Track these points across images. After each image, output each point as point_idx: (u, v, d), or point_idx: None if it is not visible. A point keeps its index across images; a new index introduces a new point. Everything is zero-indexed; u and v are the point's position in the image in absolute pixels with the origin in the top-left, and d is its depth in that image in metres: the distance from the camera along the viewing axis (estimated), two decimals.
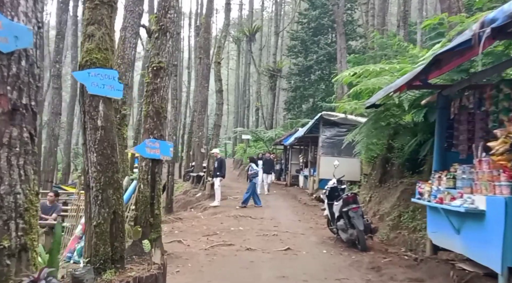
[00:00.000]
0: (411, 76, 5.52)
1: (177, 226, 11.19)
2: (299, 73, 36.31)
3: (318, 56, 34.52)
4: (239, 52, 50.95)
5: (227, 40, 61.10)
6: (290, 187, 22.44)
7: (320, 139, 17.08)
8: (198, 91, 25.01)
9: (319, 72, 35.83)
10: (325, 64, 34.64)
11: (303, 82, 35.85)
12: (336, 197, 9.18)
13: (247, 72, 47.20)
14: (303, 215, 13.61)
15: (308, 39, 35.30)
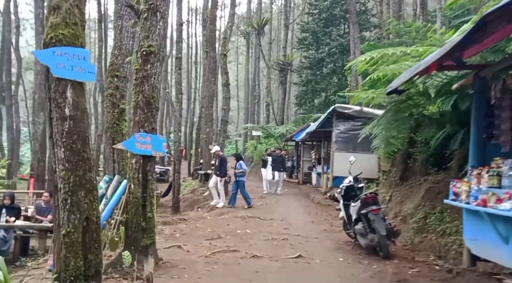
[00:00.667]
0: (444, 51, 4.64)
1: (180, 228, 10.42)
2: (311, 66, 35.41)
3: (330, 48, 33.62)
4: (248, 46, 50.07)
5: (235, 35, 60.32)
6: (303, 185, 21.57)
7: (334, 134, 16.18)
8: (205, 86, 24.24)
9: (332, 64, 34.87)
10: (337, 56, 33.71)
11: (315, 76, 34.97)
12: (352, 197, 8.32)
13: (256, 67, 46.26)
14: (316, 216, 12.76)
15: (319, 30, 34.33)
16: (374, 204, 7.42)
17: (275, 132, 31.87)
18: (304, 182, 22.26)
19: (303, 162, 23.00)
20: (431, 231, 8.39)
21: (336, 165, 16.00)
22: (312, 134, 19.46)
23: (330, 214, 13.21)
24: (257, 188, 20.58)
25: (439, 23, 22.61)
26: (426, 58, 5.37)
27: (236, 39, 59.02)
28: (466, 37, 3.97)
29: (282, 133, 30.93)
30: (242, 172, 15.07)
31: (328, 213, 13.32)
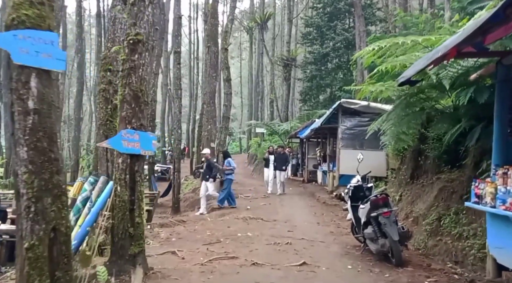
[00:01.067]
0: (465, 35, 4.06)
1: (178, 231, 9.90)
2: (315, 61, 34.78)
3: (334, 42, 33.02)
4: (251, 42, 49.47)
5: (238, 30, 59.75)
6: (308, 184, 21.02)
7: (340, 130, 15.60)
8: (206, 82, 23.69)
9: (336, 59, 34.27)
10: (342, 51, 33.09)
11: (320, 71, 34.33)
12: (361, 198, 7.76)
13: (260, 63, 45.67)
14: (322, 217, 12.20)
15: (324, 25, 33.69)
16: (385, 206, 6.85)
17: (279, 129, 31.28)
18: (309, 181, 21.70)
19: (308, 159, 22.43)
20: (446, 233, 7.85)
21: (343, 163, 15.43)
22: (317, 131, 18.89)
23: (337, 214, 12.66)
24: (261, 187, 20.05)
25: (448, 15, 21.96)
26: (445, 43, 4.79)
27: (239, 34, 58.48)
28: (495, 15, 3.40)
29: (287, 130, 30.34)
30: (231, 170, 14.50)
31: (335, 214, 12.77)
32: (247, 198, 15.90)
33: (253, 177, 29.63)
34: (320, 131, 19.30)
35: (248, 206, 13.90)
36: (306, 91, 35.86)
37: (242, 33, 56.75)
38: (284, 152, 18.23)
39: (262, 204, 14.35)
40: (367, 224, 7.11)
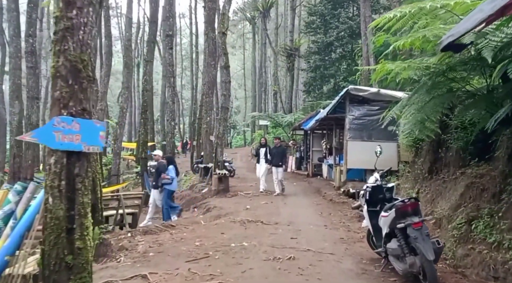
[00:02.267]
0: None
1: (162, 240, 8.26)
2: (319, 51, 33.16)
3: (338, 31, 31.39)
4: (254, 33, 47.62)
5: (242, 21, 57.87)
6: (312, 178, 19.33)
7: (347, 120, 13.88)
8: (205, 71, 22.02)
9: (340, 49, 32.75)
10: (346, 40, 31.50)
11: (323, 61, 32.74)
12: (380, 200, 6.09)
13: (263, 53, 43.81)
14: (329, 218, 10.54)
15: (327, 13, 31.99)
16: (414, 215, 5.17)
17: (282, 120, 29.60)
18: (314, 175, 20.01)
19: (312, 152, 20.71)
20: (479, 241, 6.24)
21: (350, 156, 13.73)
22: (322, 122, 17.16)
23: (345, 214, 11.00)
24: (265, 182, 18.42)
25: None
26: None
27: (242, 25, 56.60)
28: None
29: (290, 122, 28.68)
30: (168, 180, 12.19)
31: (343, 213, 11.10)
32: (247, 196, 14.26)
33: (256, 171, 27.98)
34: (326, 121, 17.58)
35: (248, 206, 12.26)
36: (310, 82, 34.23)
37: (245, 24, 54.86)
38: (280, 145, 15.88)
39: (263, 203, 12.70)
40: (390, 236, 5.45)
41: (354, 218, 10.43)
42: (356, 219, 10.34)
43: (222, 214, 11.19)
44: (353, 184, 13.39)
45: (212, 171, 16.40)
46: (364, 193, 6.23)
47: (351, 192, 13.00)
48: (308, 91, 34.59)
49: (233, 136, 58.17)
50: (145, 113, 17.08)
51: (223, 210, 11.80)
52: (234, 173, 21.63)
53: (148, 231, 9.45)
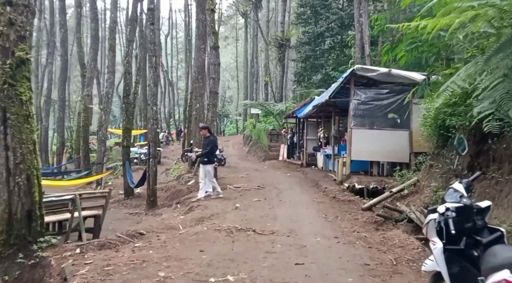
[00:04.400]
0: None
1: (115, 263, 5.22)
2: (309, 41, 30.13)
3: (329, 22, 28.41)
4: (246, 26, 44.13)
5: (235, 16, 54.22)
6: (306, 168, 16.34)
7: (352, 105, 10.87)
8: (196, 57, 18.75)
9: (330, 39, 29.88)
10: (336, 30, 28.65)
11: (314, 52, 29.89)
12: (466, 231, 3.06)
13: (254, 45, 40.36)
14: (337, 223, 7.56)
15: (318, 3, 28.93)
16: None
17: (274, 109, 26.55)
18: (308, 164, 17.03)
19: (306, 141, 17.67)
20: None
21: (355, 146, 10.76)
22: (319, 108, 14.09)
23: (355, 217, 8.04)
24: (256, 172, 15.43)
25: None
26: None
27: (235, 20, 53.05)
28: None
29: (282, 110, 25.66)
30: None
31: (352, 216, 8.14)
32: (237, 190, 11.25)
33: (247, 159, 24.97)
34: (323, 108, 14.55)
35: (237, 204, 9.26)
36: (300, 72, 31.16)
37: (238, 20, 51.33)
38: (208, 135, 10.38)
39: (255, 200, 9.70)
40: None
41: (369, 225, 7.47)
42: (371, 225, 7.39)
43: (206, 216, 8.17)
44: (358, 178, 10.43)
45: None
46: (439, 222, 3.12)
47: (357, 188, 10.04)
48: (299, 81, 31.61)
49: (226, 124, 54.98)
50: (127, 97, 13.92)
51: (208, 209, 8.79)
52: (225, 162, 18.59)
53: (105, 244, 6.39)
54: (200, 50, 16.85)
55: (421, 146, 9.96)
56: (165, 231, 7.41)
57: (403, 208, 7.66)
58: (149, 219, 9.90)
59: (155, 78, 11.66)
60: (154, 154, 11.78)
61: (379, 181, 10.17)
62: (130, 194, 13.45)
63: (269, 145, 24.11)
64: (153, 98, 11.54)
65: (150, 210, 11.56)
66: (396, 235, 6.57)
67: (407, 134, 10.58)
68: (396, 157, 10.62)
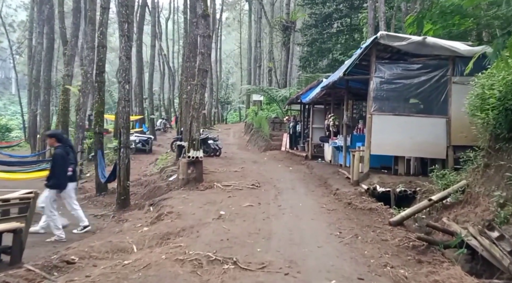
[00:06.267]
0: None
1: None
2: (316, 24, 27.44)
3: (338, 3, 25.77)
4: (250, 10, 41.22)
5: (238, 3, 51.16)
6: (312, 161, 13.81)
7: (372, 85, 8.28)
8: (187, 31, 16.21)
9: (339, 23, 27.29)
10: (345, 12, 25.95)
11: (321, 35, 27.28)
12: None
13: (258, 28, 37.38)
14: (358, 247, 5.09)
15: None
16: None
17: (277, 95, 23.95)
18: (313, 156, 14.51)
19: (312, 130, 15.08)
20: None
21: (376, 137, 8.21)
22: (329, 90, 11.46)
23: (383, 237, 5.55)
24: (253, 166, 12.97)
25: None
26: None
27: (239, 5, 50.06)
28: None
29: (285, 97, 23.07)
30: None
31: (379, 235, 5.65)
32: (226, 189, 8.77)
33: (247, 149, 22.48)
34: (333, 91, 11.97)
35: (222, 211, 6.80)
36: (306, 57, 28.44)
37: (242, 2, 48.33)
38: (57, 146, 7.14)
39: (246, 206, 7.23)
40: None
41: (404, 251, 4.99)
42: (408, 253, 4.91)
43: (174, 232, 5.73)
44: (380, 178, 7.91)
45: (185, 153, 10.87)
46: None
47: (379, 192, 7.52)
48: (304, 67, 28.89)
49: (228, 112, 52.39)
50: (101, 75, 11.42)
51: (181, 220, 6.33)
52: (220, 152, 16.13)
53: None
54: (192, 24, 14.31)
55: (464, 137, 7.42)
56: (108, 256, 5.00)
57: (455, 228, 5.16)
58: (111, 227, 7.47)
59: (127, 49, 9.12)
60: (127, 143, 9.30)
61: (408, 183, 7.66)
62: (103, 189, 11.05)
63: (271, 134, 21.60)
64: (124, 75, 9.02)
65: (120, 212, 9.13)
66: (455, 277, 4.09)
67: (444, 122, 8.02)
68: (429, 151, 8.07)
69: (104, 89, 11.71)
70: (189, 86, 14.55)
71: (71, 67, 16.36)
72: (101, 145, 11.39)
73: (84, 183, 13.29)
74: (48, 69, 20.92)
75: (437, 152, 8.03)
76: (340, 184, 8.72)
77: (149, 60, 29.69)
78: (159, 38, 34.66)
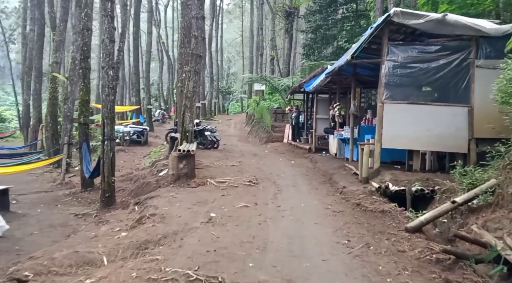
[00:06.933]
0: None
1: None
2: (320, 9, 26.35)
3: None
4: None
5: None
6: (316, 154, 12.94)
7: (384, 70, 7.38)
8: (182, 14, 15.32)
9: (344, 8, 26.31)
10: None
11: (325, 21, 26.19)
12: None
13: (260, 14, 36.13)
14: (370, 258, 4.26)
15: None
16: None
17: (279, 84, 23.01)
18: (317, 149, 13.64)
19: (316, 121, 14.17)
20: None
21: (388, 128, 7.33)
22: (334, 77, 10.52)
23: (401, 247, 4.71)
24: (253, 159, 12.14)
25: None
26: None
27: None
28: None
29: (288, 86, 22.14)
30: None
31: (395, 244, 4.83)
32: (221, 186, 7.94)
33: (248, 141, 21.61)
34: (339, 79, 11.06)
35: (213, 213, 5.98)
36: (309, 44, 27.41)
37: None
38: None
39: (241, 207, 6.40)
40: None
41: (427, 267, 4.17)
42: (432, 270, 4.08)
43: (154, 240, 4.92)
44: (392, 175, 7.06)
45: (177, 145, 10.04)
46: None
47: (392, 190, 6.66)
48: (307, 55, 27.84)
49: (230, 102, 51.40)
50: (85, 61, 10.54)
51: (164, 225, 5.52)
52: (218, 144, 15.26)
53: None
54: (187, 7, 13.36)
55: (490, 129, 6.53)
56: (71, 271, 4.21)
57: (488, 239, 4.31)
58: (88, 230, 6.67)
59: (110, 31, 8.25)
60: (111, 135, 8.47)
61: (424, 180, 6.80)
62: (88, 185, 10.27)
63: (273, 126, 20.71)
64: (108, 59, 8.15)
65: (104, 211, 8.36)
66: None
67: (466, 112, 7.12)
68: (448, 145, 7.19)
69: (89, 76, 10.85)
70: (184, 73, 13.68)
71: (60, 54, 15.50)
72: (86, 137, 10.57)
73: (71, 177, 12.51)
74: (39, 56, 20.07)
75: (457, 145, 7.15)
76: (347, 181, 7.86)
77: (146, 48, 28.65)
78: (157, 25, 33.55)
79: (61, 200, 9.85)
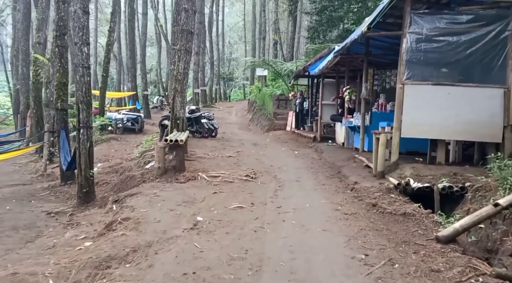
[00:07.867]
0: None
1: None
2: None
3: None
4: None
5: None
6: (321, 143, 11.86)
7: (405, 44, 6.24)
8: None
9: None
10: None
11: (331, 2, 24.88)
12: None
13: None
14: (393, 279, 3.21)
15: None
16: None
17: (282, 68, 21.83)
18: (323, 138, 12.56)
19: (322, 107, 13.02)
20: None
21: (409, 114, 6.25)
22: (343, 57, 9.35)
23: (435, 266, 3.66)
24: (253, 150, 11.11)
25: None
26: None
27: None
28: None
29: (291, 70, 20.97)
30: None
31: (425, 260, 3.79)
32: (213, 182, 6.92)
33: (249, 129, 20.54)
34: (349, 59, 9.91)
35: (200, 217, 4.97)
36: (314, 27, 26.11)
37: None
38: None
39: (234, 208, 5.39)
40: None
41: None
42: None
43: (120, 255, 3.90)
44: (414, 170, 6.01)
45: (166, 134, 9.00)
46: None
47: (413, 188, 5.62)
48: (312, 38, 26.54)
49: (232, 89, 50.14)
50: (61, 38, 9.44)
51: (137, 233, 4.51)
52: (216, 133, 14.23)
53: None
54: None
55: None
56: None
57: None
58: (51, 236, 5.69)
59: (84, 21, 7.10)
60: (87, 123, 7.43)
61: (452, 176, 5.74)
62: (69, 177, 9.28)
63: (275, 113, 19.64)
64: (81, 34, 7.07)
65: (81, 208, 7.39)
66: None
67: (501, 94, 6.02)
68: (479, 133, 6.11)
69: (66, 55, 9.78)
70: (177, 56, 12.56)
71: (43, 33, 14.39)
72: (65, 124, 9.54)
73: (54, 169, 11.54)
74: (25, 38, 18.95)
75: (490, 134, 6.07)
76: (359, 176, 6.81)
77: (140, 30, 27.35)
78: (155, 7, 32.18)
79: (37, 194, 8.89)
